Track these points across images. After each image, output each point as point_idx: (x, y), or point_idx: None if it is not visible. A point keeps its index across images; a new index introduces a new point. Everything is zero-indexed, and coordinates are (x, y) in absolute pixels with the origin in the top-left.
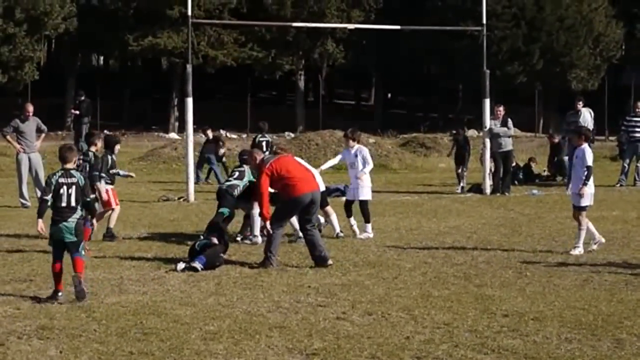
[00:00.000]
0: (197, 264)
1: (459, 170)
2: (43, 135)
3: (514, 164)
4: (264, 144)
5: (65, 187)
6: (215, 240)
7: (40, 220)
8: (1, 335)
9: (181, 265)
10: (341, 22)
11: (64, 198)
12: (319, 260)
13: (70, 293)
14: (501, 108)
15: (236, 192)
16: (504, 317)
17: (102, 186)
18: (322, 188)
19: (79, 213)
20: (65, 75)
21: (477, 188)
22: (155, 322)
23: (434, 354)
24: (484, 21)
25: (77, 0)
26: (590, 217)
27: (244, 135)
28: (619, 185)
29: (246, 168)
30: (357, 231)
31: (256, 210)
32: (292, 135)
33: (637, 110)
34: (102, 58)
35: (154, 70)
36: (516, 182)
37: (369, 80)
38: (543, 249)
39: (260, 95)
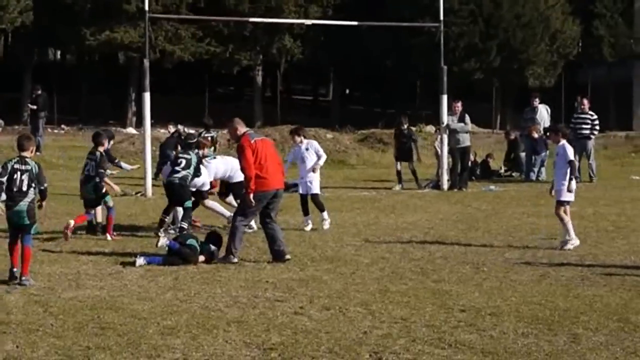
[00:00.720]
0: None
1: (399, 167)
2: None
3: (472, 160)
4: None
5: (19, 172)
6: (213, 248)
7: None
8: None
9: (140, 261)
10: (299, 18)
11: (17, 183)
12: (277, 255)
13: (28, 287)
14: (459, 104)
15: (188, 183)
16: (461, 312)
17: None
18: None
19: (30, 197)
20: (21, 70)
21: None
22: (112, 317)
23: (391, 349)
24: (441, 17)
25: None
26: (547, 214)
27: (202, 130)
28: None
29: (192, 155)
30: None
31: (209, 202)
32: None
33: (583, 107)
34: (58, 52)
35: (111, 64)
36: (473, 178)
37: (326, 76)
38: (500, 244)
39: (218, 91)
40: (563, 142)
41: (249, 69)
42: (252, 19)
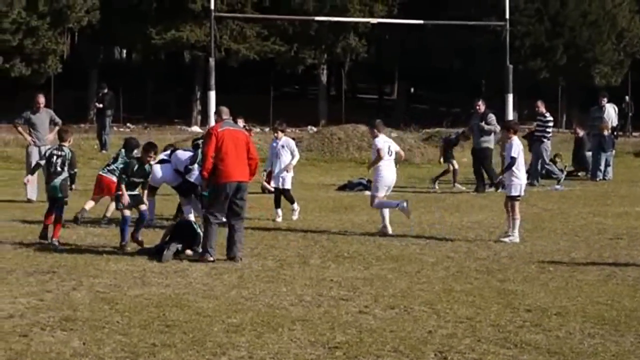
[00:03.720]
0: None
1: (456, 166)
2: (57, 128)
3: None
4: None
5: (55, 157)
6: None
7: (30, 176)
8: (25, 327)
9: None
10: (364, 17)
11: (53, 165)
12: (229, 257)
13: (95, 285)
14: (480, 102)
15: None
16: (526, 312)
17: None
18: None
19: (63, 176)
20: (88, 68)
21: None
22: (178, 315)
23: (456, 348)
24: (507, 16)
25: None
26: (614, 213)
27: (267, 129)
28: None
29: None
30: (295, 216)
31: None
32: (315, 129)
33: (537, 109)
34: (124, 51)
35: (176, 63)
36: (539, 178)
37: (391, 75)
38: (566, 244)
39: (282, 89)
40: (514, 138)
41: (313, 67)
42: (317, 18)
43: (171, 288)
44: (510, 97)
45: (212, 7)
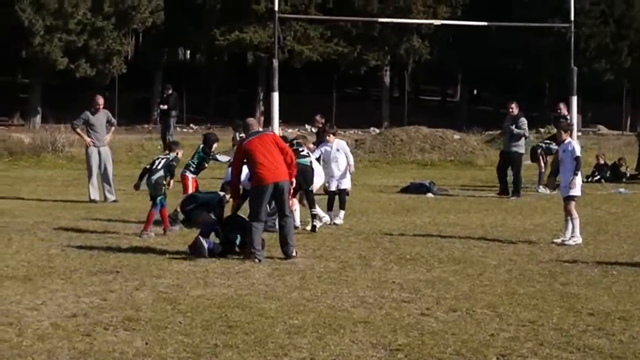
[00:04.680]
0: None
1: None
2: (113, 128)
3: (601, 162)
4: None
5: (158, 159)
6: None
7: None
8: (88, 326)
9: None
10: (427, 18)
11: (154, 166)
12: (285, 255)
13: (158, 285)
14: (513, 105)
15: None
16: (589, 316)
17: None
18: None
19: (158, 175)
20: (152, 69)
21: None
22: (239, 315)
23: (518, 352)
24: (572, 18)
25: None
26: None
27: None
28: None
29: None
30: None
31: None
32: (377, 130)
33: (559, 111)
34: (188, 52)
35: (239, 64)
36: (602, 180)
37: (454, 77)
38: (629, 247)
39: (345, 91)
40: (569, 138)
41: (376, 69)
42: (380, 19)
43: (233, 289)
44: (574, 100)
45: (276, 8)
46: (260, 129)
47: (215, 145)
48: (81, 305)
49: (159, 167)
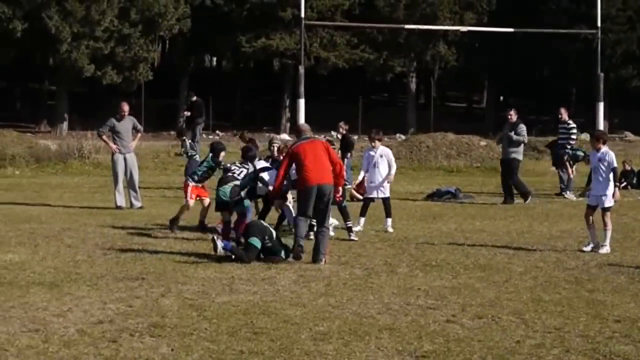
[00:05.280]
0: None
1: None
2: (139, 135)
3: (628, 169)
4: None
5: (237, 168)
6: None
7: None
8: (114, 332)
9: (220, 246)
10: (453, 25)
11: (233, 171)
12: (312, 259)
13: (183, 291)
14: (512, 112)
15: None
16: (616, 323)
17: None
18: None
19: (233, 183)
20: (178, 76)
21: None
22: (265, 322)
23: (544, 359)
24: (599, 24)
25: (191, 1)
26: None
27: (355, 137)
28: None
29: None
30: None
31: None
32: (403, 137)
33: (561, 116)
34: (214, 59)
35: (265, 71)
36: (629, 187)
37: (480, 83)
38: None
39: (371, 97)
40: (604, 148)
41: (402, 75)
42: (407, 26)
43: (259, 295)
44: (601, 106)
45: (302, 15)
46: (312, 135)
47: (222, 154)
48: (107, 312)
49: (240, 176)
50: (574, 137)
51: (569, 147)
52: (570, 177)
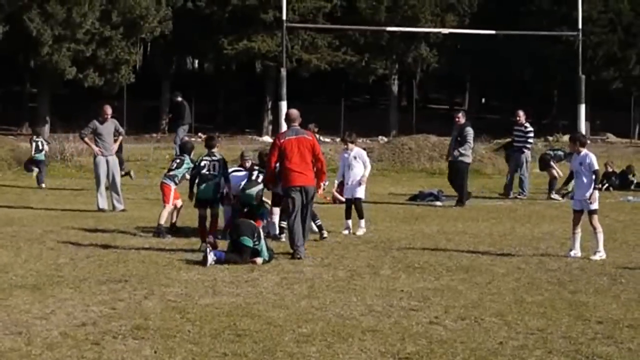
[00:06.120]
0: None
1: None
2: (121, 138)
3: (610, 170)
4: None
5: (208, 162)
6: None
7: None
8: (97, 335)
9: (211, 257)
10: (435, 27)
11: (207, 168)
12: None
13: (166, 294)
14: (460, 115)
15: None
16: (598, 324)
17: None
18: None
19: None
20: (160, 78)
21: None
22: (248, 324)
23: None
24: (580, 26)
25: (173, 3)
26: None
27: (337, 139)
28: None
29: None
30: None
31: None
32: (385, 139)
33: (518, 119)
34: (196, 61)
35: (248, 73)
36: (611, 188)
37: (462, 85)
38: (638, 255)
39: (353, 99)
40: (584, 151)
41: (384, 77)
42: (388, 28)
43: (242, 297)
44: (582, 108)
45: (284, 17)
46: (299, 128)
47: (192, 153)
48: (90, 314)
49: (214, 171)
50: (530, 140)
51: (526, 149)
52: (556, 177)
